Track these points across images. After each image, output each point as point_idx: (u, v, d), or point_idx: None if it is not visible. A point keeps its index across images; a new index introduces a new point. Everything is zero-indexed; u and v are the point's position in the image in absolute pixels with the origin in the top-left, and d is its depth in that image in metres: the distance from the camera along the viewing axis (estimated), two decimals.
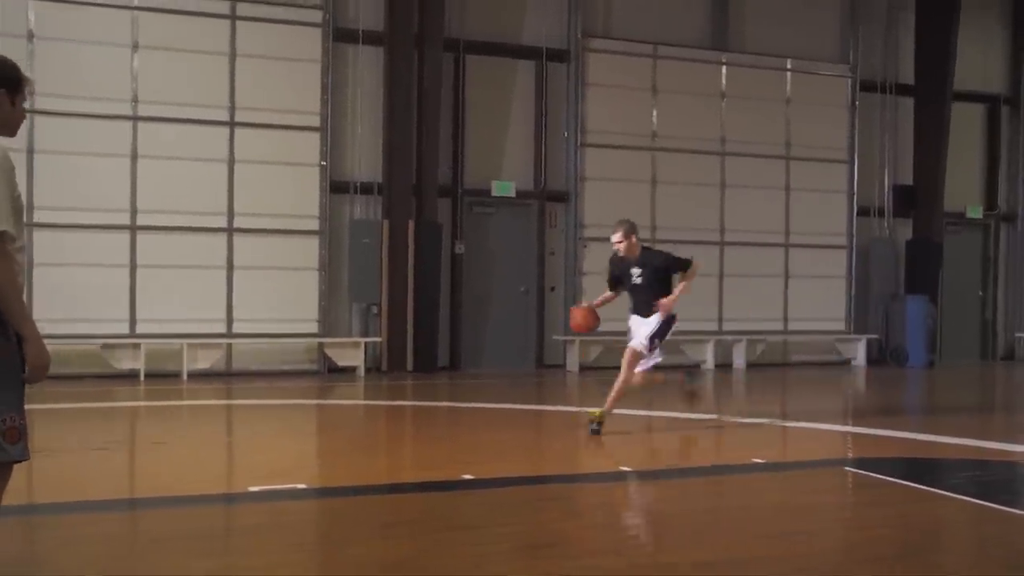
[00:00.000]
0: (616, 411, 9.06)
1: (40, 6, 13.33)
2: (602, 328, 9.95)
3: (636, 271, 9.03)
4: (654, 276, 9.00)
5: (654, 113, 16.57)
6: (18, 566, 4.67)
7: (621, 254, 9.04)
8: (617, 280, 9.28)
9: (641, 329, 8.98)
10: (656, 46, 16.60)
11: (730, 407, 11.51)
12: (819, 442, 8.97)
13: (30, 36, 13.27)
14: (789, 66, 17.53)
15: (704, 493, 6.78)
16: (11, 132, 3.91)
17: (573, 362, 15.59)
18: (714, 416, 10.27)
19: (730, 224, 17.04)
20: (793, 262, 17.53)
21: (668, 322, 8.97)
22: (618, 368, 9.08)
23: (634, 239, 9.03)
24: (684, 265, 9.10)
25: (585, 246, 16.06)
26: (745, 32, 17.35)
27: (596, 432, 8.73)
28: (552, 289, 16.11)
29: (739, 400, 13.06)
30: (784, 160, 17.46)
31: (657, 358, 9.00)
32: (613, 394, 8.92)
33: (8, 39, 12.96)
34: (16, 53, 12.98)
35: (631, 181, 16.38)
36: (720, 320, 16.96)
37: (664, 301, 8.88)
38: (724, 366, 16.58)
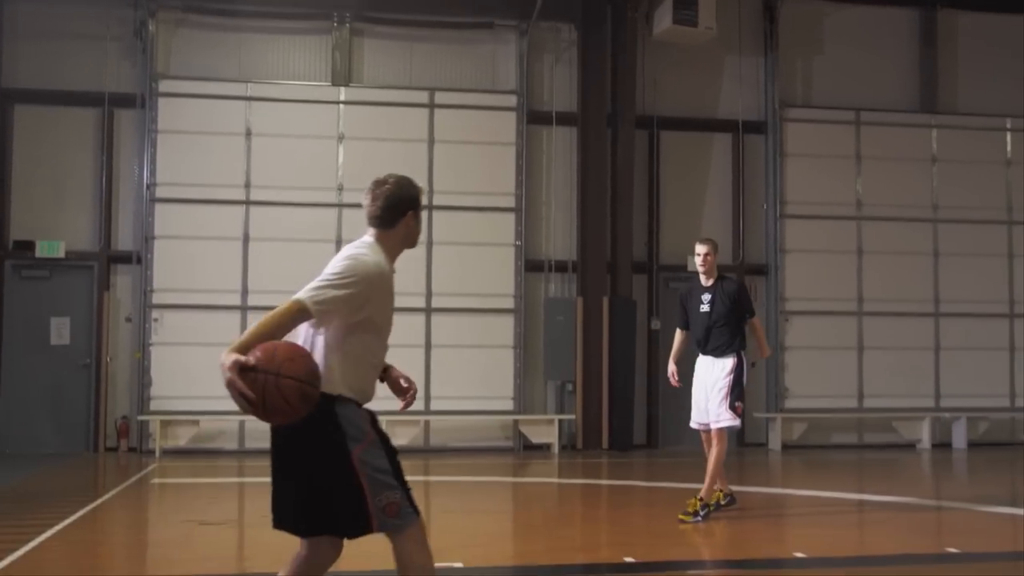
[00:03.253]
0: (787, 491, 8.53)
1: (257, 106, 14.39)
2: (806, 404, 9.28)
3: (706, 297, 8.39)
4: (723, 306, 8.32)
5: (858, 181, 15.96)
6: None
7: (703, 270, 8.43)
8: (686, 313, 8.65)
9: (713, 394, 8.34)
10: (859, 112, 16.06)
11: (934, 489, 10.71)
12: None
13: (248, 133, 14.32)
14: (1009, 126, 16.49)
15: None
16: (413, 244, 4.17)
17: (775, 440, 14.97)
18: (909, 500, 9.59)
19: (946, 295, 16.02)
20: (1019, 333, 16.25)
21: (740, 375, 8.36)
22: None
23: (713, 260, 8.47)
24: (752, 310, 8.53)
25: (787, 320, 15.55)
26: (957, 93, 16.51)
27: (700, 520, 8.02)
28: (753, 365, 15.55)
29: (950, 482, 12.14)
30: (1006, 225, 16.32)
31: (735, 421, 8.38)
32: (710, 475, 8.22)
33: (229, 137, 14.14)
34: (236, 149, 14.18)
35: (835, 252, 15.78)
36: (937, 396, 15.87)
37: (767, 349, 8.65)
38: (942, 446, 15.48)
